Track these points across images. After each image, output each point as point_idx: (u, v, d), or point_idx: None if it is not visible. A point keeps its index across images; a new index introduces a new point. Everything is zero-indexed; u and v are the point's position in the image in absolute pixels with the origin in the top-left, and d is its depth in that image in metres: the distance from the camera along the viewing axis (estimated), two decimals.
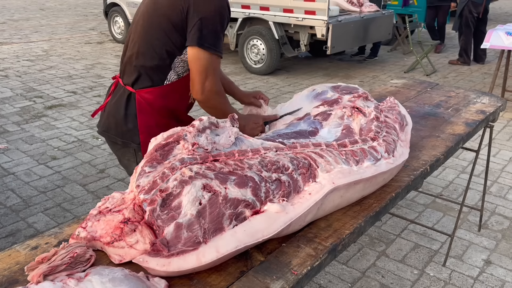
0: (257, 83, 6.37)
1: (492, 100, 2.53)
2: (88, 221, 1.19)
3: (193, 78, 1.65)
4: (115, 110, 1.79)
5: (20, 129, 4.58)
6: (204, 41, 1.59)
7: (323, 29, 5.91)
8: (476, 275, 2.58)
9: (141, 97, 1.72)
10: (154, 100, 1.72)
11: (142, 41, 1.70)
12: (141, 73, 1.72)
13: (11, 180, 3.56)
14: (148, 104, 1.72)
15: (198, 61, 1.61)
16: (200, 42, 1.59)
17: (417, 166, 1.73)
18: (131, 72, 1.74)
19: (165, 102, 1.74)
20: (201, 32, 1.58)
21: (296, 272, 1.13)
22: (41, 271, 1.00)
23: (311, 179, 1.32)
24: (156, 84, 1.72)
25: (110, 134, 1.83)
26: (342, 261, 2.67)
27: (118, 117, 1.77)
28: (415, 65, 7.14)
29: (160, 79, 1.72)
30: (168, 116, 1.78)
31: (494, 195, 3.44)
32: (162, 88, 1.72)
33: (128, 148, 1.80)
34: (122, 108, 1.76)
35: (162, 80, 1.72)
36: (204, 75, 1.62)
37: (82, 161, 3.90)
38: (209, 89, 1.64)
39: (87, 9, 13.68)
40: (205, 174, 1.18)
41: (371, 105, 1.73)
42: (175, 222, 1.11)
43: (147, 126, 1.73)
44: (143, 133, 1.73)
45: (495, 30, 5.09)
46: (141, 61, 1.70)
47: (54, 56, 7.69)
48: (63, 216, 3.10)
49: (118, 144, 1.83)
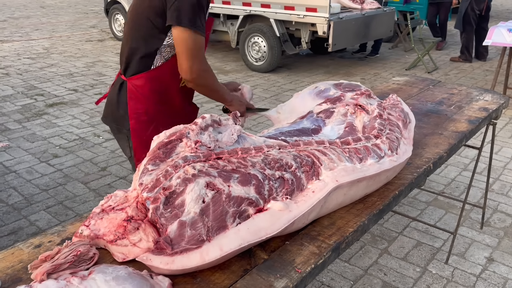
0: (258, 80, 6.36)
1: (494, 97, 2.52)
2: (91, 219, 1.19)
3: (180, 59, 1.68)
4: (111, 97, 1.91)
5: (22, 127, 4.58)
6: (182, 19, 1.62)
7: (324, 26, 5.89)
8: (478, 272, 2.58)
9: (131, 84, 1.81)
10: (143, 86, 1.79)
11: (131, 30, 1.79)
12: (131, 61, 1.80)
13: (13, 178, 3.56)
14: (138, 90, 1.80)
15: (182, 41, 1.65)
16: (178, 21, 1.63)
17: (420, 163, 1.73)
18: (123, 61, 1.85)
19: (154, 86, 1.80)
20: (179, 11, 1.62)
21: (300, 270, 1.13)
22: (45, 270, 1.00)
23: (315, 177, 1.32)
24: (144, 70, 1.79)
25: (108, 121, 1.96)
26: (344, 259, 2.67)
27: (113, 104, 1.88)
28: (416, 62, 7.12)
29: (148, 65, 1.78)
30: (160, 102, 1.83)
31: (497, 192, 3.43)
32: (150, 72, 1.78)
33: (122, 133, 1.91)
34: (115, 96, 1.87)
35: (149, 66, 1.78)
36: (190, 54, 1.65)
37: (84, 159, 3.90)
38: (196, 68, 1.67)
39: (88, 7, 13.66)
40: (208, 172, 1.18)
41: (374, 103, 1.72)
42: (179, 220, 1.10)
43: (136, 113, 1.82)
44: (132, 119, 1.82)
45: (497, 27, 5.08)
46: (131, 50, 1.79)
47: (55, 54, 7.68)
48: (65, 214, 3.10)
49: (114, 130, 1.96)
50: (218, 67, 6.93)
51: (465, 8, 7.05)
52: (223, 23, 7.11)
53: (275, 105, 5.34)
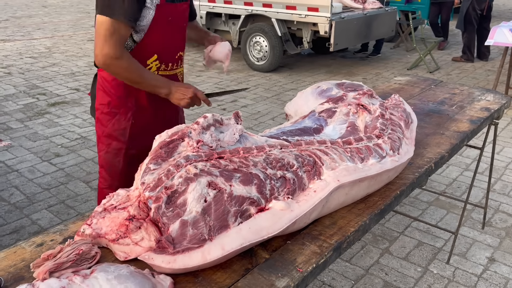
0: (259, 80, 6.36)
1: (496, 97, 2.52)
2: (93, 218, 1.19)
3: (94, 44, 1.69)
4: (92, 88, 1.98)
5: (24, 126, 4.59)
6: (97, 5, 1.64)
7: (326, 26, 5.89)
8: (480, 272, 2.58)
9: (99, 75, 1.86)
10: (108, 77, 1.81)
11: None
12: None
13: (15, 177, 3.57)
14: (104, 82, 1.84)
15: (96, 26, 1.65)
16: (97, 7, 1.65)
17: (421, 163, 1.73)
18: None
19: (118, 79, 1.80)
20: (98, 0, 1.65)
21: (301, 269, 1.13)
22: (47, 268, 1.00)
23: (316, 177, 1.32)
24: None
25: (91, 111, 2.00)
26: (345, 259, 2.67)
27: (92, 94, 1.95)
28: (418, 62, 7.11)
29: None
30: (124, 96, 1.83)
31: (498, 192, 3.43)
32: None
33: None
34: (92, 88, 1.94)
35: None
36: (101, 39, 1.63)
37: (86, 158, 3.91)
38: (105, 54, 1.64)
39: (90, 6, 13.67)
40: (210, 171, 1.18)
41: (376, 103, 1.73)
42: (181, 219, 1.11)
43: (101, 104, 1.86)
44: (97, 109, 1.88)
45: (499, 27, 5.07)
46: None
47: (57, 53, 7.69)
48: (67, 213, 3.10)
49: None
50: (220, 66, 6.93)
51: (466, 8, 7.04)
52: (225, 23, 7.12)
53: (277, 104, 5.34)
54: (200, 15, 7.18)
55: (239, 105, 5.34)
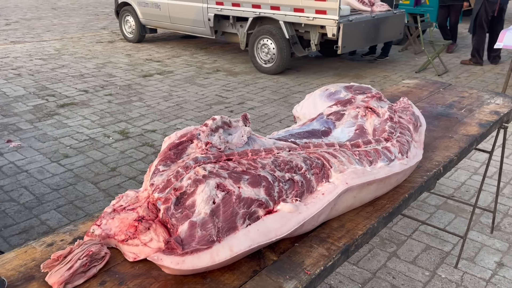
0: (267, 82, 6.37)
1: (506, 100, 2.50)
2: (102, 218, 1.20)
3: None
4: None
5: (33, 127, 4.63)
6: None
7: (334, 28, 5.88)
8: (488, 277, 2.56)
9: None
10: None
11: None
12: None
13: (24, 177, 3.60)
14: None
15: None
16: None
17: (430, 167, 1.72)
18: None
19: None
20: None
21: (309, 272, 1.13)
22: (63, 279, 1.00)
23: (324, 179, 1.32)
24: None
25: None
26: (352, 262, 2.66)
27: None
28: (426, 65, 7.08)
29: None
30: None
31: (507, 197, 3.40)
32: None
33: None
34: None
35: None
36: None
37: (94, 159, 3.94)
38: None
39: (98, 9, 13.77)
40: (218, 173, 1.19)
41: (385, 106, 1.72)
42: (189, 220, 1.11)
43: None
44: None
45: (508, 30, 5.03)
46: None
47: (66, 55, 7.76)
48: (75, 214, 3.13)
49: None
50: (227, 68, 6.95)
51: (477, 10, 7.00)
52: (232, 25, 7.14)
53: (284, 107, 5.35)
54: (208, 17, 7.21)
55: (246, 107, 5.35)
